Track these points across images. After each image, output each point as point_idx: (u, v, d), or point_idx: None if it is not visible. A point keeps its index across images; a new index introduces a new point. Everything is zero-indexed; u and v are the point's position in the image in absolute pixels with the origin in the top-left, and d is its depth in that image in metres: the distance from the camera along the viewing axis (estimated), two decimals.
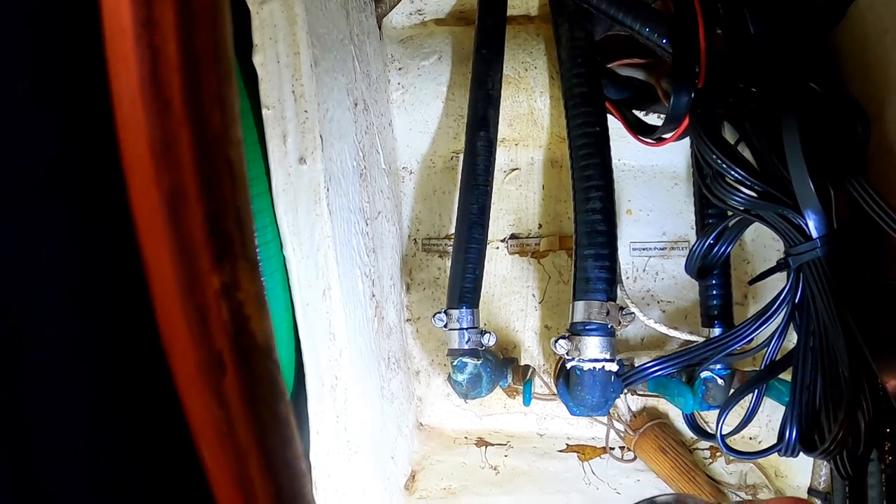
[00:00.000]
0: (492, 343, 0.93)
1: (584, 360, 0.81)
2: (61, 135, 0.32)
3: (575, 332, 0.82)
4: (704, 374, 0.86)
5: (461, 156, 0.98)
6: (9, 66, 0.32)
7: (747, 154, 0.73)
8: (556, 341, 0.83)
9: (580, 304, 0.82)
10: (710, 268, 0.84)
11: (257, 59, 0.72)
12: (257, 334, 0.24)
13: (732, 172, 0.70)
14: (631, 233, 1.06)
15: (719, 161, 0.70)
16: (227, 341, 0.24)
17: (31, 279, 0.31)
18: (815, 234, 0.66)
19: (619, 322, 0.82)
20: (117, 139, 0.25)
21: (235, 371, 0.24)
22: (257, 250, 0.24)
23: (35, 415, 0.31)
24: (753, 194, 0.70)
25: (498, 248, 1.10)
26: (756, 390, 0.79)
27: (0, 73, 0.32)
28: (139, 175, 0.23)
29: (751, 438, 1.05)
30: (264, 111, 0.72)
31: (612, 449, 1.07)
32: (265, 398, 0.25)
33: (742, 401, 0.80)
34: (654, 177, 1.06)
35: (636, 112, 0.97)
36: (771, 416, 1.00)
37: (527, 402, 0.95)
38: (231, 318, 0.24)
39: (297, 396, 0.80)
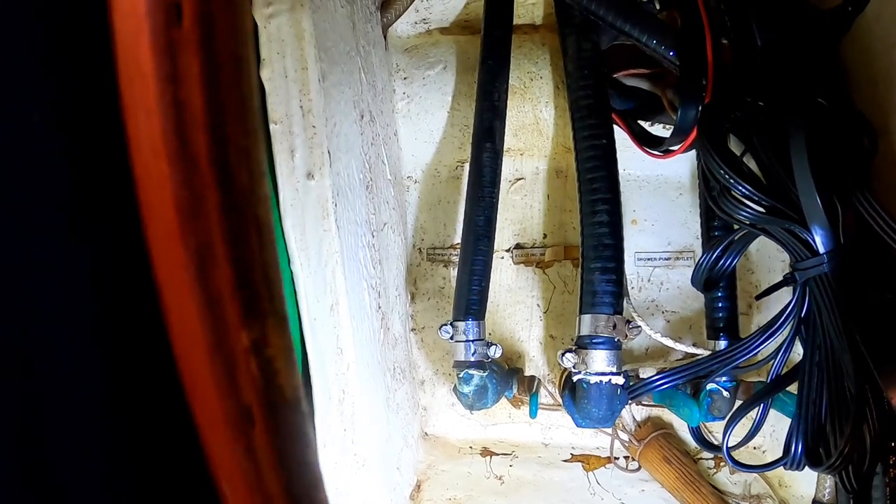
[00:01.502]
0: (498, 355, 0.93)
1: (590, 374, 0.81)
2: (74, 160, 0.32)
3: (581, 345, 0.82)
4: (710, 385, 0.86)
5: (466, 165, 0.98)
6: (26, 94, 0.32)
7: (752, 164, 0.73)
8: (562, 354, 0.83)
9: (587, 318, 0.82)
10: (716, 280, 0.84)
11: (265, 74, 0.72)
12: (286, 388, 0.24)
13: (740, 187, 0.70)
14: (636, 242, 1.06)
15: (727, 176, 0.70)
16: (255, 395, 0.24)
17: (43, 284, 0.31)
18: (821, 249, 0.66)
19: (626, 335, 0.82)
20: (134, 182, 0.25)
21: (264, 424, 0.24)
22: (286, 304, 0.24)
23: (48, 414, 0.31)
24: (760, 209, 0.70)
25: (503, 258, 1.10)
26: (762, 403, 0.80)
27: (18, 100, 0.32)
28: (163, 231, 0.23)
29: (755, 448, 1.05)
30: (272, 126, 0.72)
31: (617, 459, 1.08)
32: (293, 448, 0.25)
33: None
34: (658, 187, 1.06)
35: (641, 122, 0.98)
36: (775, 425, 1.00)
37: (533, 414, 0.96)
38: (260, 374, 0.24)
39: None
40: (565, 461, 1.10)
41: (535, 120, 1.05)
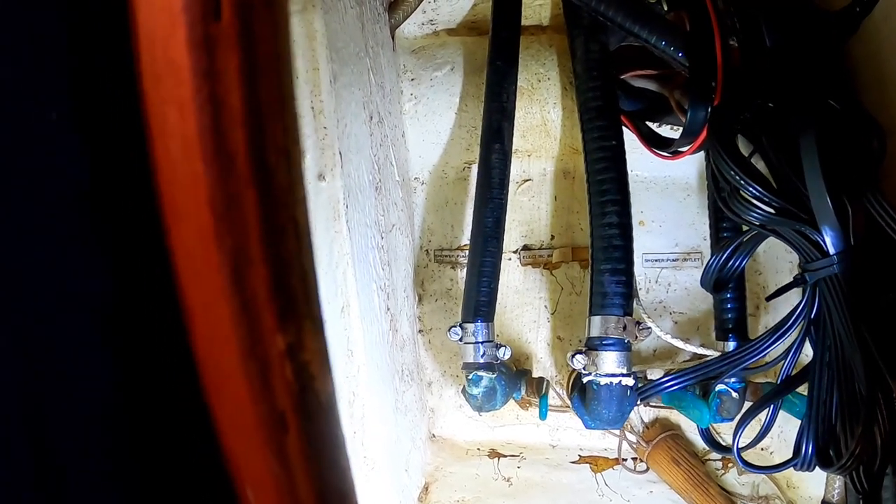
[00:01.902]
0: (507, 357, 0.93)
1: (600, 375, 0.81)
2: (80, 157, 0.32)
3: (591, 346, 0.82)
4: (719, 387, 0.86)
5: (473, 167, 0.98)
6: (42, 91, 0.32)
7: (760, 165, 0.73)
8: (572, 356, 0.83)
9: (597, 319, 0.82)
10: (726, 282, 0.84)
11: None
12: (321, 393, 0.24)
13: (750, 189, 0.70)
14: (644, 244, 1.05)
15: (737, 177, 0.70)
16: (290, 401, 0.23)
17: (47, 283, 0.31)
18: (832, 250, 0.66)
19: (636, 337, 0.82)
20: (157, 182, 0.24)
21: (298, 430, 0.24)
22: (321, 307, 0.24)
23: (50, 416, 0.31)
24: (770, 210, 0.70)
25: (510, 259, 1.10)
26: (772, 405, 0.80)
27: (34, 99, 0.32)
28: (195, 231, 0.22)
29: (762, 449, 1.05)
30: None
31: (625, 460, 1.07)
32: (327, 454, 0.25)
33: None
34: (666, 188, 1.06)
35: (649, 124, 0.97)
36: (783, 426, 0.99)
37: (543, 416, 0.95)
38: (295, 379, 0.23)
39: None
40: (573, 463, 1.10)
41: (543, 121, 1.05)
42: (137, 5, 0.23)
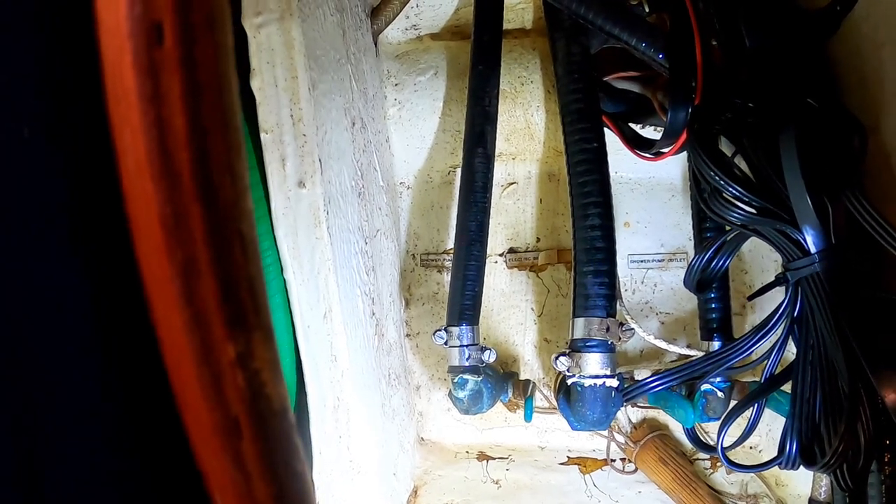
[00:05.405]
0: (492, 359, 0.93)
1: (584, 377, 0.81)
2: (66, 175, 0.32)
3: (575, 348, 0.82)
4: (704, 386, 0.87)
5: (458, 170, 0.98)
6: (17, 109, 0.32)
7: (743, 165, 0.73)
8: (556, 358, 0.83)
9: (580, 321, 0.82)
10: (709, 282, 0.85)
11: (255, 84, 0.72)
12: (273, 399, 0.25)
13: (730, 189, 0.70)
14: (629, 245, 1.06)
15: (717, 178, 0.70)
16: (243, 407, 0.24)
17: (38, 296, 0.31)
18: (813, 249, 0.67)
19: (619, 338, 0.82)
20: (122, 196, 0.25)
21: (252, 435, 0.24)
22: (271, 317, 0.25)
23: (41, 424, 0.31)
24: (751, 210, 0.70)
25: (497, 262, 1.10)
26: (756, 403, 0.80)
27: (8, 115, 0.32)
28: (150, 246, 0.23)
29: (751, 448, 1.05)
30: (262, 135, 0.72)
31: (614, 461, 1.08)
32: (282, 458, 0.25)
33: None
34: (651, 189, 1.06)
35: (632, 125, 0.98)
36: (770, 425, 1.00)
37: (528, 418, 0.96)
38: (247, 386, 0.24)
39: (299, 417, 0.80)
40: (562, 464, 1.10)
41: (527, 124, 1.05)
42: (99, 30, 0.24)
